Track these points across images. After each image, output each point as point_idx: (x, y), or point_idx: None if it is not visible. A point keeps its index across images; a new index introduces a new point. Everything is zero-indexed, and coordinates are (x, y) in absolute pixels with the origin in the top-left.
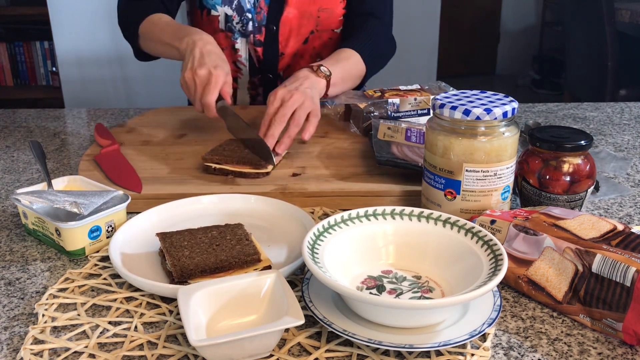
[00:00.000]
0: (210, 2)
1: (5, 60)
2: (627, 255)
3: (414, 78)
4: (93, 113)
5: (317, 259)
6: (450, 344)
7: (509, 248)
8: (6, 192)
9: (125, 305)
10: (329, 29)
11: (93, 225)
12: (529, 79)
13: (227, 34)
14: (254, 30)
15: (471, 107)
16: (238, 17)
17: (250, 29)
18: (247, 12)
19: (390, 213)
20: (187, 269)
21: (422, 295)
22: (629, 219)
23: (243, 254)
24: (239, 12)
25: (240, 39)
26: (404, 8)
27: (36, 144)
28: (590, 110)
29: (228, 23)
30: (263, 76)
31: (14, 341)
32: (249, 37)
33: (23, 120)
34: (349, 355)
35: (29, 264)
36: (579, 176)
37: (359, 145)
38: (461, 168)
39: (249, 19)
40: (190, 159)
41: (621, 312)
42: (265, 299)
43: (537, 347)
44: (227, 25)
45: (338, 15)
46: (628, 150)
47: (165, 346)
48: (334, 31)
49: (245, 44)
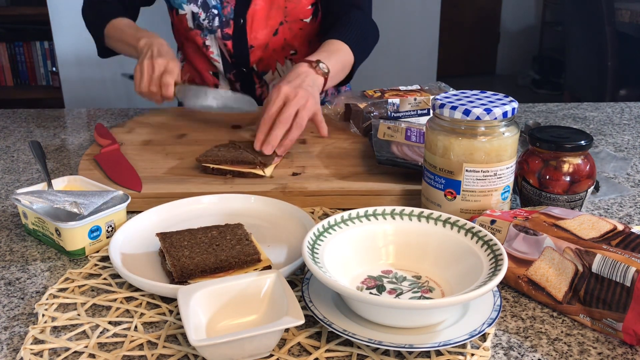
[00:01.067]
0: (177, 2)
1: (5, 60)
2: (627, 255)
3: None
4: (93, 113)
5: (317, 259)
6: (450, 344)
7: (509, 248)
8: (6, 192)
9: (125, 305)
10: (298, 19)
11: (93, 225)
12: (529, 79)
13: (196, 31)
14: (221, 24)
15: (471, 107)
16: (204, 14)
17: (217, 24)
18: (213, 8)
19: (390, 213)
20: (187, 269)
21: (422, 295)
22: (629, 219)
23: (243, 254)
24: (204, 8)
25: (209, 35)
26: (404, 8)
27: (36, 144)
28: (590, 110)
29: (196, 21)
30: (238, 71)
31: (14, 341)
32: (216, 32)
33: (23, 120)
34: (349, 355)
35: (29, 264)
36: (579, 176)
37: (359, 145)
38: (461, 168)
39: (215, 15)
40: (190, 159)
41: (621, 312)
42: (265, 299)
43: (537, 347)
44: (195, 23)
45: (306, 5)
46: (628, 150)
47: (165, 346)
48: (304, 21)
49: (215, 40)
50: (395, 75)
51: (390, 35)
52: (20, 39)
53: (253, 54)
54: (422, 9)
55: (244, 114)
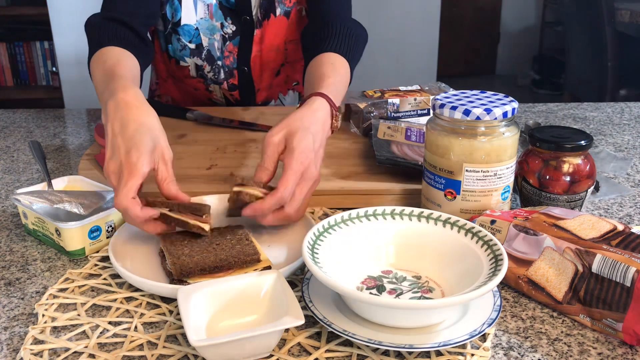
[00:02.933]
0: (178, 54)
1: (5, 60)
2: (627, 255)
3: (413, 78)
4: (93, 113)
5: (317, 259)
6: (450, 344)
7: (509, 248)
8: (6, 192)
9: (125, 305)
10: (299, 58)
11: (93, 225)
12: (529, 79)
13: (199, 79)
14: (226, 76)
15: (471, 107)
16: (209, 67)
17: (222, 77)
18: (218, 60)
19: (390, 213)
20: (187, 267)
21: (422, 295)
22: (629, 219)
23: (243, 254)
24: (209, 61)
25: (213, 85)
26: (404, 8)
27: (36, 144)
28: (590, 110)
29: (199, 71)
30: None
31: (14, 341)
32: (222, 84)
33: (23, 120)
34: (349, 355)
35: (29, 264)
36: (579, 176)
37: (359, 145)
38: (461, 168)
39: (220, 67)
40: (190, 159)
41: (621, 312)
42: (265, 299)
43: (537, 347)
44: (199, 73)
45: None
46: (628, 150)
47: (165, 346)
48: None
49: (219, 90)
50: (395, 75)
51: (390, 35)
52: (20, 39)
53: (259, 94)
54: (422, 9)
55: (245, 113)
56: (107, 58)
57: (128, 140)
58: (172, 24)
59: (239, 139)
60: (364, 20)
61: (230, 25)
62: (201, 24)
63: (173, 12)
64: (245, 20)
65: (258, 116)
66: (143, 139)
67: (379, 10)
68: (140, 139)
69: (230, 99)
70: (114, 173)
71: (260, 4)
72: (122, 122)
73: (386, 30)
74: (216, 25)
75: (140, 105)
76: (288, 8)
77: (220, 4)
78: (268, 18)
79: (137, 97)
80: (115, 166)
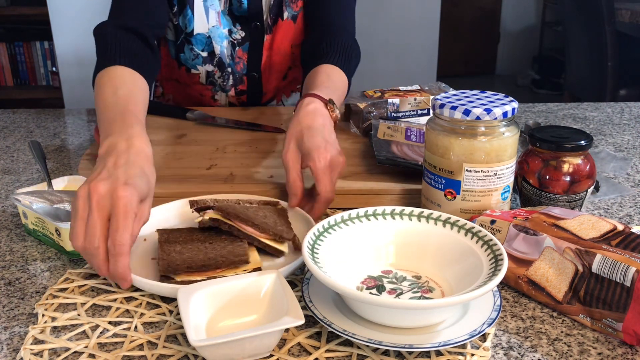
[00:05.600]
0: (190, 63)
1: (5, 60)
2: (627, 255)
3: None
4: (93, 113)
5: (317, 259)
6: (450, 344)
7: (509, 248)
8: (6, 192)
9: (125, 305)
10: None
11: None
12: (529, 79)
13: (207, 87)
14: (235, 82)
15: (471, 107)
16: (220, 72)
17: (230, 83)
18: (228, 67)
19: (390, 213)
20: (174, 264)
21: (422, 295)
22: (629, 219)
23: (232, 254)
24: (220, 67)
25: (220, 93)
26: (404, 9)
27: (36, 144)
28: (590, 110)
29: (209, 78)
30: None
31: (14, 341)
32: (229, 91)
33: (23, 120)
34: (349, 355)
35: (29, 264)
36: (579, 176)
37: (359, 145)
38: (461, 168)
39: (230, 73)
40: (190, 159)
41: (621, 312)
42: (265, 299)
43: (537, 347)
44: (209, 80)
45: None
46: (628, 150)
47: (165, 346)
48: None
49: (226, 97)
50: (395, 75)
51: (390, 35)
52: (20, 39)
53: (264, 97)
54: (422, 9)
55: (246, 113)
56: (119, 84)
57: (128, 177)
58: (185, 34)
59: (239, 139)
60: (364, 21)
61: (240, 32)
62: (213, 31)
63: (186, 23)
64: (256, 27)
65: (258, 116)
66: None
67: (379, 10)
68: (140, 183)
69: (236, 103)
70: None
71: (270, 9)
72: (127, 161)
73: (386, 30)
74: (224, 32)
75: (150, 158)
76: (295, 12)
77: (229, 11)
78: (276, 23)
79: (148, 150)
80: (106, 190)
